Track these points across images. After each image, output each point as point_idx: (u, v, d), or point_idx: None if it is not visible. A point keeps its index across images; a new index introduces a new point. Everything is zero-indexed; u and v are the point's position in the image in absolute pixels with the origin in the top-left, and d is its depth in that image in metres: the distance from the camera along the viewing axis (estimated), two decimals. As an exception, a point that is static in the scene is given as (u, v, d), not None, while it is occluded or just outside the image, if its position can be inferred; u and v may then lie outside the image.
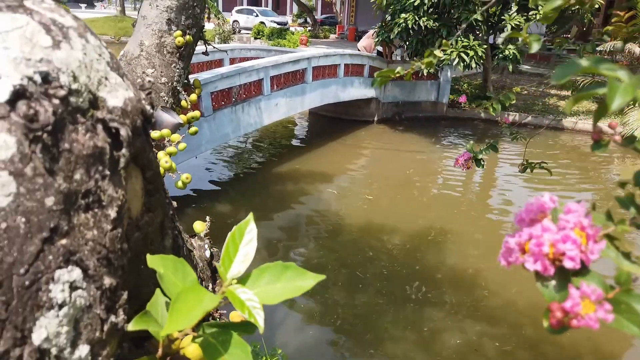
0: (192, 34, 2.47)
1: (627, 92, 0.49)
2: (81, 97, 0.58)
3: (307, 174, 10.82)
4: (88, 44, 0.64)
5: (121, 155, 0.63)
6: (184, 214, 8.33)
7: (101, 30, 31.54)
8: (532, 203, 0.57)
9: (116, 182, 0.62)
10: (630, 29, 1.73)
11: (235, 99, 9.08)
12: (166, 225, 0.94)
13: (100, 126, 0.61)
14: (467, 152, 2.67)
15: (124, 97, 0.67)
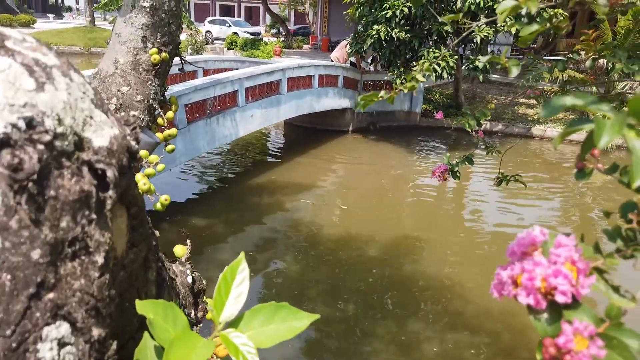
0: (168, 51, 2.45)
1: (614, 130, 0.50)
2: (66, 140, 0.57)
3: (283, 185, 10.79)
4: (72, 83, 0.63)
5: (108, 196, 0.61)
6: (158, 228, 8.16)
7: (70, 41, 30.96)
8: (524, 236, 0.58)
9: (103, 225, 0.60)
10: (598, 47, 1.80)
11: (210, 111, 9.01)
12: (150, 259, 0.92)
13: (86, 168, 0.59)
14: (444, 164, 2.71)
15: (110, 135, 0.65)
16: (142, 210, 0.80)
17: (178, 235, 8.18)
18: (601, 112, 0.54)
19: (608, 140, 0.49)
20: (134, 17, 2.35)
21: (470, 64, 13.05)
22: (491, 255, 8.12)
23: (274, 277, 7.21)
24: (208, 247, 7.88)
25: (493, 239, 8.82)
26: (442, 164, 2.67)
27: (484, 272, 7.44)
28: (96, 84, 2.34)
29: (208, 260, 7.48)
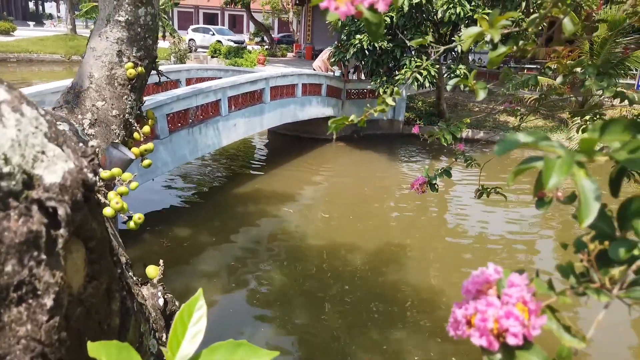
0: (144, 66, 2.42)
1: (563, 171, 0.51)
2: (14, 180, 0.55)
3: (267, 194, 10.75)
4: (23, 118, 0.61)
5: (59, 235, 0.60)
6: (140, 239, 8.08)
7: (51, 49, 30.58)
8: (478, 274, 0.58)
9: (54, 264, 0.59)
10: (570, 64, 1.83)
11: (192, 121, 8.96)
12: (113, 289, 0.90)
13: (35, 207, 0.58)
14: (422, 176, 2.72)
15: (63, 170, 0.64)
16: (103, 242, 0.79)
17: (159, 246, 8.10)
18: (552, 150, 0.54)
19: (557, 181, 0.50)
20: (109, 32, 2.33)
21: (452, 72, 13.20)
22: (475, 263, 8.18)
23: (258, 287, 7.15)
24: (190, 258, 7.80)
25: (477, 246, 8.89)
26: (421, 177, 2.68)
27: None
28: (70, 98, 2.31)
29: (190, 272, 7.40)
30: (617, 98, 1.82)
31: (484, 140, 16.74)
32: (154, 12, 2.39)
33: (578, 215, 0.49)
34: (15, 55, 29.44)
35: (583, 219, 0.49)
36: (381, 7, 0.58)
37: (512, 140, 0.55)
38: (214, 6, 44.80)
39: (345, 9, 0.55)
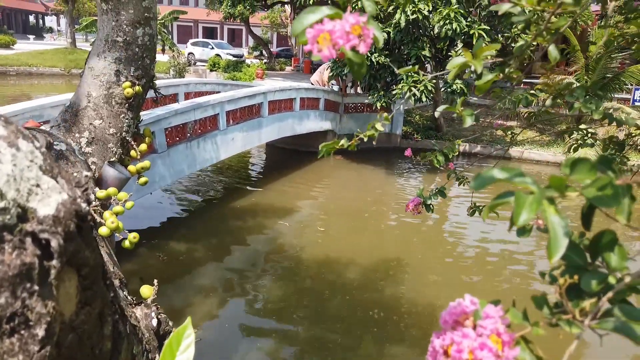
0: (141, 85, 2.46)
1: (532, 208, 0.53)
2: (8, 214, 0.58)
3: (265, 207, 10.76)
4: (19, 152, 0.64)
5: (52, 266, 0.62)
6: (137, 253, 8.07)
7: (51, 63, 30.75)
8: (455, 305, 0.60)
9: (46, 295, 0.61)
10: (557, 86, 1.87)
11: (191, 135, 9.00)
12: (105, 313, 0.91)
13: (29, 239, 0.60)
14: (417, 197, 2.74)
15: (57, 202, 0.66)
16: (95, 268, 0.81)
17: (156, 260, 8.08)
18: (525, 187, 0.57)
19: (527, 218, 0.52)
20: (108, 52, 2.37)
21: (448, 87, 13.30)
22: (472, 277, 8.18)
23: (254, 302, 7.13)
24: (187, 272, 7.78)
25: (474, 261, 8.89)
26: (416, 197, 2.70)
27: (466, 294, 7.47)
28: (68, 116, 2.34)
29: (187, 286, 7.38)
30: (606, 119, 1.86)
31: (481, 154, 16.81)
32: (151, 32, 2.43)
33: (547, 250, 0.51)
34: (15, 69, 29.58)
35: (552, 254, 0.51)
36: (362, 50, 0.61)
37: (488, 176, 0.58)
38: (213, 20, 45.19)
39: (327, 53, 0.58)
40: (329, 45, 0.58)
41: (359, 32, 0.60)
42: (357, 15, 0.60)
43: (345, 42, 0.59)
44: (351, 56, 0.63)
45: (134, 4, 2.31)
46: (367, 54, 13.29)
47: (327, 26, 0.59)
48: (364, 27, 0.61)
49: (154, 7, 2.41)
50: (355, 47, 0.61)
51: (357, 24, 0.60)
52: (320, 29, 0.59)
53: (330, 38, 0.58)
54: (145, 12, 2.36)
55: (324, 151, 1.33)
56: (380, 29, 0.64)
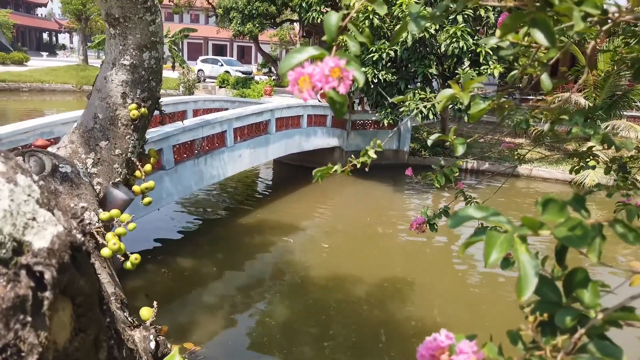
0: (147, 107, 2.51)
1: (503, 248, 0.55)
2: (4, 249, 0.60)
3: (271, 224, 10.77)
4: (17, 188, 0.67)
5: (45, 297, 0.64)
6: (143, 269, 8.09)
7: (63, 79, 31.27)
8: (431, 340, 0.61)
9: (39, 325, 0.63)
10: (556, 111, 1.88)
11: (198, 151, 9.08)
12: (101, 339, 0.93)
13: (24, 272, 0.63)
14: (421, 216, 2.75)
15: (52, 234, 0.69)
16: (90, 296, 0.83)
17: (162, 276, 8.10)
18: (500, 225, 0.58)
19: (497, 258, 0.54)
20: (115, 74, 2.42)
21: (455, 105, 13.34)
22: (481, 298, 8.09)
23: (261, 320, 7.11)
24: (193, 289, 7.79)
25: (483, 281, 8.81)
26: (420, 217, 2.71)
27: (474, 315, 7.40)
28: (75, 138, 2.39)
29: (193, 303, 7.38)
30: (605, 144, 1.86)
31: (489, 171, 16.77)
32: (158, 55, 2.49)
33: (517, 288, 0.53)
34: (28, 85, 30.11)
35: (521, 293, 0.52)
36: (342, 91, 0.64)
37: (464, 215, 0.60)
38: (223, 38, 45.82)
39: (307, 96, 0.61)
40: (308, 87, 0.61)
41: (338, 74, 0.63)
42: (337, 58, 0.63)
43: (325, 84, 0.62)
44: (333, 95, 0.65)
45: (141, 28, 2.37)
46: (374, 72, 13.41)
47: (307, 69, 0.62)
48: (343, 70, 0.63)
49: (160, 31, 2.48)
50: (335, 88, 0.63)
51: (337, 67, 0.62)
52: (300, 72, 0.62)
53: (310, 80, 0.61)
54: (151, 36, 2.42)
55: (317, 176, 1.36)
56: (360, 69, 0.67)
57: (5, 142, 6.64)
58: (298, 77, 0.62)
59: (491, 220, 0.59)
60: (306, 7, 16.07)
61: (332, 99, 0.66)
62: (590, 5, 0.68)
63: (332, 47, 0.73)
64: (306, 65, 0.63)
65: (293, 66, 0.67)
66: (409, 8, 11.57)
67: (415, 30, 0.74)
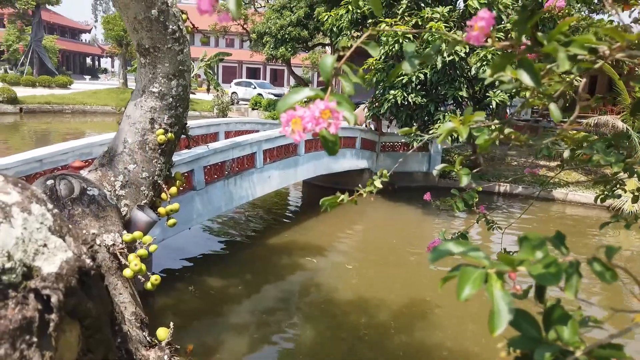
0: (174, 132, 2.61)
1: (476, 284, 0.56)
2: (14, 274, 0.65)
3: (299, 245, 10.80)
4: (30, 216, 0.72)
5: (51, 319, 0.69)
6: (173, 288, 8.23)
7: (104, 101, 32.52)
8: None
9: (44, 346, 0.68)
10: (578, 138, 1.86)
11: (228, 173, 9.25)
12: (109, 359, 0.98)
13: (32, 295, 0.68)
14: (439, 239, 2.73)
15: (62, 260, 0.74)
16: (99, 318, 0.87)
17: (190, 295, 8.21)
18: (477, 261, 0.60)
19: (469, 294, 0.55)
20: (144, 101, 2.54)
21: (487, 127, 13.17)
22: (509, 325, 7.85)
23: (286, 342, 7.09)
24: (221, 308, 7.85)
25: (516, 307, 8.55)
26: (437, 239, 2.69)
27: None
28: (105, 161, 2.51)
29: (220, 323, 7.43)
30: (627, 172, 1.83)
31: (522, 195, 16.40)
32: (185, 83, 2.60)
33: (489, 324, 0.54)
34: (71, 107, 31.44)
35: (494, 328, 0.54)
36: (332, 131, 0.67)
37: (444, 250, 0.62)
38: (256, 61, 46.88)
39: (297, 137, 0.65)
40: (300, 129, 0.65)
41: (328, 115, 0.66)
42: (327, 101, 0.67)
43: (315, 126, 0.65)
44: (325, 135, 0.69)
45: (169, 58, 2.49)
46: (404, 94, 13.44)
47: (298, 112, 0.65)
48: (333, 111, 0.67)
49: (188, 61, 2.58)
50: (327, 128, 0.67)
51: (327, 109, 0.66)
52: (292, 114, 0.66)
53: (300, 122, 0.65)
54: (179, 65, 2.53)
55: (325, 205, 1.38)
56: (352, 109, 0.70)
57: (46, 162, 6.94)
58: (290, 119, 0.66)
59: (470, 256, 0.61)
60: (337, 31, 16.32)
61: (324, 138, 0.69)
62: (577, 46, 0.70)
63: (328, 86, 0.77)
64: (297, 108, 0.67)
65: (290, 106, 0.71)
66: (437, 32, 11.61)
67: (409, 70, 0.77)
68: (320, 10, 20.15)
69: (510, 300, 0.55)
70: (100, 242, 1.80)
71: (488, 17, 0.70)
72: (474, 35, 0.70)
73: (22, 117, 28.56)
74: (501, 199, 16.98)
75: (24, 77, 36.78)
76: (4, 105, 28.54)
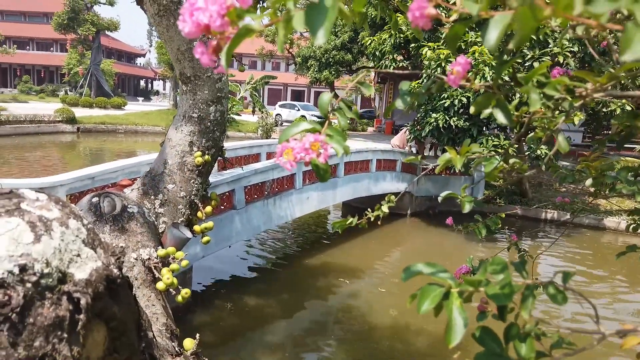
0: (210, 154, 2.77)
1: (434, 300, 0.63)
2: (51, 278, 0.78)
3: (337, 267, 10.82)
4: (67, 230, 0.85)
5: (80, 319, 0.81)
6: (212, 305, 8.42)
7: (154, 122, 33.93)
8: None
9: (73, 341, 0.79)
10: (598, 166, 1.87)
11: (268, 193, 9.46)
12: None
13: (65, 297, 0.79)
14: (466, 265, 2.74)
15: (92, 268, 0.86)
16: (124, 322, 0.99)
17: (227, 312, 8.37)
18: (442, 282, 0.67)
19: (427, 308, 0.62)
20: (184, 125, 2.72)
21: (532, 152, 12.90)
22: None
23: (318, 364, 7.09)
24: (257, 326, 7.96)
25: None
26: (464, 266, 2.70)
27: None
28: (147, 180, 2.69)
29: (256, 340, 7.53)
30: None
31: (571, 222, 15.80)
32: (222, 109, 2.77)
33: (446, 336, 0.61)
34: (124, 127, 32.99)
35: (449, 341, 0.60)
36: (321, 160, 0.76)
37: (414, 270, 0.69)
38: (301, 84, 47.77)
39: (289, 166, 0.74)
40: (291, 158, 0.74)
41: (317, 147, 0.76)
42: (318, 134, 0.76)
43: (305, 156, 0.75)
44: (317, 163, 0.78)
45: (209, 85, 2.66)
46: (446, 117, 13.37)
47: (290, 144, 0.75)
48: (323, 143, 0.76)
49: (225, 88, 2.75)
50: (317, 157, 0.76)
51: (316, 142, 0.75)
52: (285, 146, 0.75)
53: (291, 153, 0.74)
54: (217, 92, 2.70)
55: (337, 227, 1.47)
56: (342, 141, 0.79)
57: (97, 179, 7.36)
58: (283, 150, 0.76)
59: (438, 277, 0.68)
60: (380, 55, 16.51)
61: (316, 166, 0.79)
62: (551, 88, 0.76)
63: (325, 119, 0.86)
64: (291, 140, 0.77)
65: (289, 137, 0.81)
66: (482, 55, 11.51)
67: (401, 107, 0.85)
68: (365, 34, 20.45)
69: (466, 316, 0.61)
70: (137, 256, 1.95)
71: (464, 62, 0.77)
72: (451, 79, 0.78)
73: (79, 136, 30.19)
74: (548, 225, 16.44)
75: (83, 99, 38.98)
76: (63, 124, 30.29)
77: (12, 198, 0.80)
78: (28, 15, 58.28)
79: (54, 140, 28.08)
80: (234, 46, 0.58)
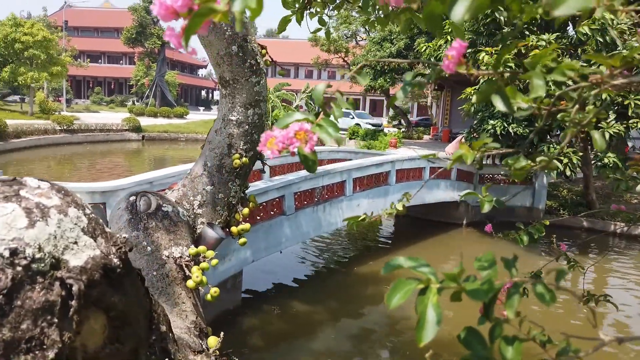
0: (248, 157, 2.80)
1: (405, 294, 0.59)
2: (43, 263, 0.79)
3: (388, 276, 10.64)
4: (66, 217, 0.87)
5: (72, 305, 0.82)
6: (261, 309, 8.52)
7: (213, 130, 35.04)
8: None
9: (65, 327, 0.80)
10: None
11: (318, 199, 9.48)
12: (140, 352, 1.10)
13: (57, 283, 0.81)
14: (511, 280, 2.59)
15: (88, 256, 0.87)
16: (129, 313, 1.00)
17: (275, 318, 8.43)
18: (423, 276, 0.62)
19: (397, 302, 0.58)
20: (223, 128, 2.77)
21: (599, 161, 12.17)
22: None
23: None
24: (304, 333, 7.96)
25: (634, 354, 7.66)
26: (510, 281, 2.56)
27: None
28: (187, 182, 2.75)
29: (302, 346, 7.53)
30: None
31: None
32: (260, 112, 2.79)
33: (417, 334, 0.56)
34: (185, 135, 34.32)
35: (420, 339, 0.56)
36: (307, 150, 0.73)
37: (394, 264, 0.64)
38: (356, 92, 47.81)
39: (269, 153, 0.72)
40: (274, 147, 0.72)
41: (303, 136, 0.73)
42: (304, 124, 0.74)
43: (288, 145, 0.72)
44: (304, 153, 0.75)
45: (247, 89, 2.70)
46: (504, 124, 12.90)
47: (274, 132, 0.73)
48: (309, 132, 0.73)
49: (264, 91, 2.78)
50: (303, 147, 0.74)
51: (301, 131, 0.73)
52: (269, 135, 0.73)
53: (274, 142, 0.72)
54: (256, 95, 2.74)
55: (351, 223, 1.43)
56: (331, 131, 0.76)
57: (156, 184, 7.66)
58: (267, 139, 0.74)
59: (419, 271, 0.63)
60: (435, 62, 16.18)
61: (303, 156, 0.76)
62: (558, 73, 0.70)
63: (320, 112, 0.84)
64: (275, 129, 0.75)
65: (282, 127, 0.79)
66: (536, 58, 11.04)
67: (401, 97, 0.81)
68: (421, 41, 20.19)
69: (439, 314, 0.56)
70: (168, 254, 1.99)
71: (459, 47, 0.72)
72: (446, 64, 0.72)
73: (144, 144, 31.74)
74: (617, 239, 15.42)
75: (148, 108, 40.98)
76: (129, 133, 31.95)
77: (13, 185, 0.83)
78: (100, 31, 62.24)
79: (121, 148, 29.68)
80: (195, 26, 0.56)
